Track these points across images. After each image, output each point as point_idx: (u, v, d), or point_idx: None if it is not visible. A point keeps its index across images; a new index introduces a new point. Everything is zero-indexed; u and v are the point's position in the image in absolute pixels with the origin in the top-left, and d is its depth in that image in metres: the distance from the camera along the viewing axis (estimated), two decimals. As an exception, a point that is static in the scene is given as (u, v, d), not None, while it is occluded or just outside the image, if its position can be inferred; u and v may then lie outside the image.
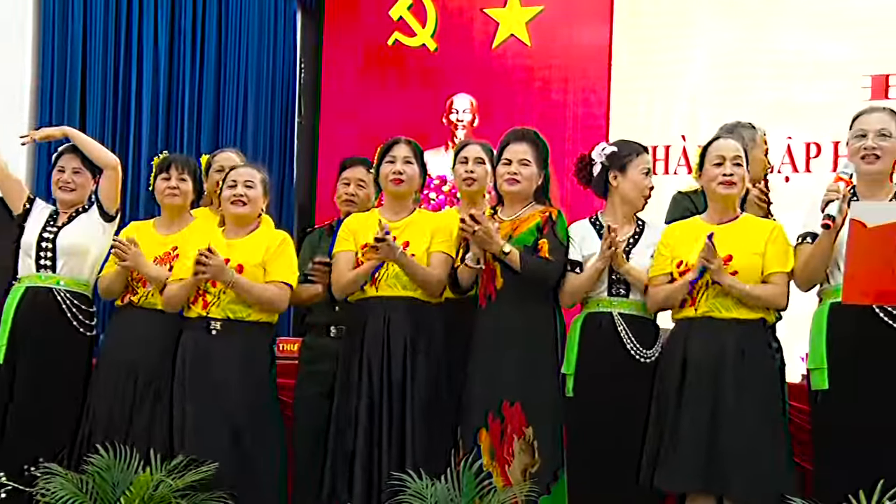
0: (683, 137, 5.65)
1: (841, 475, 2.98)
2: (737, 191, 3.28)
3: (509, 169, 3.47)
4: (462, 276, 3.50)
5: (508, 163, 3.48)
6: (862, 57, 5.35)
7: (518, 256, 3.37)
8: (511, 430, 3.37)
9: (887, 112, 3.20)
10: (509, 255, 3.38)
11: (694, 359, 3.21)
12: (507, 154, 3.49)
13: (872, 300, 3.01)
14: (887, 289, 2.94)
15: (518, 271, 3.38)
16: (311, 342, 3.85)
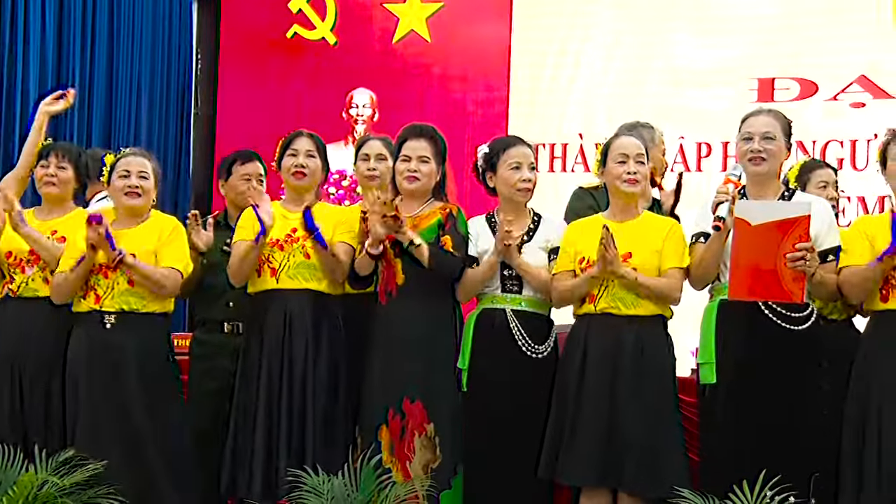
0: (580, 136, 5.75)
1: (727, 467, 3.06)
2: (639, 189, 3.34)
3: (409, 166, 3.46)
4: (361, 267, 3.47)
5: (408, 159, 3.46)
6: (749, 61, 5.54)
7: (427, 249, 3.37)
8: (412, 427, 3.37)
9: (773, 115, 3.30)
10: (419, 247, 3.37)
11: (593, 354, 3.26)
12: (406, 151, 3.48)
13: (757, 296, 3.10)
14: (770, 285, 3.02)
15: (425, 266, 3.38)
16: (204, 338, 3.78)
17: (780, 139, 3.24)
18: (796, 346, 3.13)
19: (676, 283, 3.28)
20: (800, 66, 5.47)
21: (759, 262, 3.00)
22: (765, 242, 2.98)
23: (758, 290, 3.06)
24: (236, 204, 3.86)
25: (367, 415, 3.42)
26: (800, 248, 2.97)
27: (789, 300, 3.06)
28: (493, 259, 3.37)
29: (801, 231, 2.97)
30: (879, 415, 3.04)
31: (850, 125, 5.36)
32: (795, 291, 3.01)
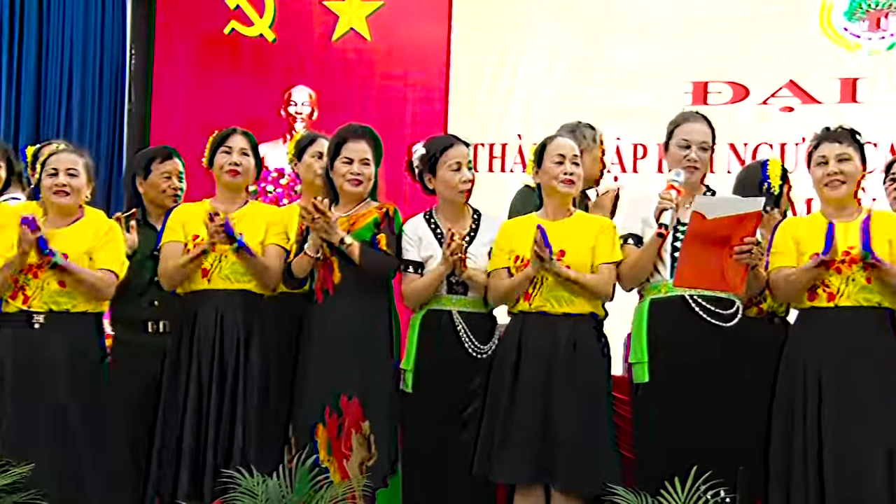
0: (519, 136, 5.79)
1: (660, 464, 3.11)
2: (575, 189, 3.37)
3: (352, 169, 3.47)
4: (298, 267, 3.45)
5: (350, 162, 3.47)
6: (685, 64, 5.63)
7: (358, 248, 3.37)
8: (349, 425, 3.37)
9: (706, 122, 3.36)
10: (350, 246, 3.37)
11: (528, 352, 3.28)
12: (348, 153, 3.48)
13: (701, 286, 3.16)
14: (714, 276, 3.10)
15: (357, 263, 3.38)
16: (125, 338, 3.69)
17: (710, 145, 3.32)
18: (725, 342, 3.20)
19: (608, 279, 3.32)
20: (732, 71, 5.57)
21: (708, 254, 3.07)
22: (716, 235, 3.04)
23: (702, 281, 3.14)
24: (156, 202, 3.80)
25: (303, 414, 3.41)
26: (747, 242, 3.04)
27: (730, 290, 3.14)
28: (442, 270, 3.37)
29: (750, 226, 3.04)
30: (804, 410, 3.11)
31: (780, 129, 5.48)
32: (736, 282, 3.10)
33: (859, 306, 3.09)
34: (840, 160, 3.18)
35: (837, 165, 3.18)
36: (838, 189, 3.19)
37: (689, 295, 3.21)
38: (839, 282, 3.11)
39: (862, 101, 5.38)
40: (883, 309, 3.11)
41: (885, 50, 5.37)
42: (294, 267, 3.45)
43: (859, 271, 3.09)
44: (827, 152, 3.21)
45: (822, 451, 3.06)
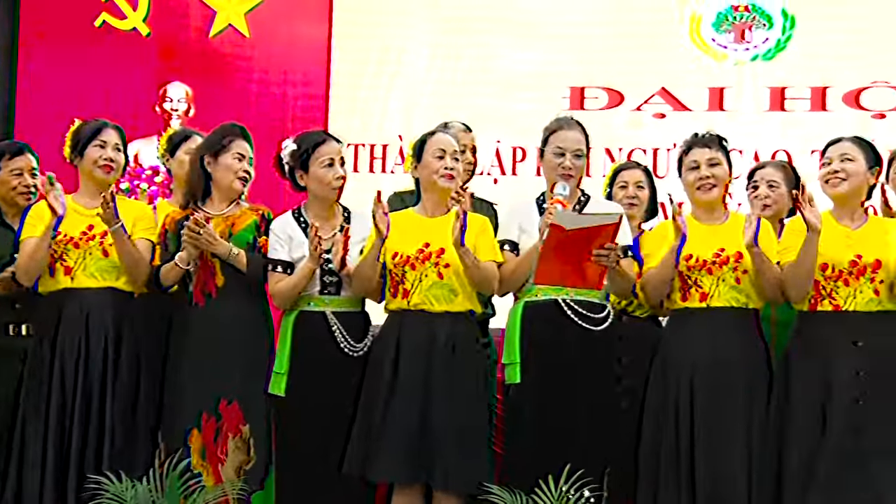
0: (400, 137, 5.78)
1: (531, 463, 3.15)
2: (455, 185, 3.38)
3: (244, 166, 3.46)
4: (167, 277, 3.41)
5: (241, 158, 3.46)
6: (563, 69, 5.74)
7: (244, 256, 3.37)
8: (227, 429, 3.33)
9: (581, 129, 3.42)
10: (237, 256, 3.36)
11: (406, 350, 3.28)
12: (239, 149, 3.47)
13: (562, 283, 3.24)
14: (574, 275, 3.18)
15: (243, 271, 3.37)
16: None
17: (584, 152, 3.38)
18: (596, 345, 3.26)
19: (494, 275, 3.33)
20: (608, 77, 5.72)
21: (567, 257, 3.14)
22: (573, 244, 3.12)
23: (563, 278, 3.21)
24: (7, 200, 3.65)
25: (176, 417, 3.34)
26: (606, 248, 3.11)
27: (589, 287, 3.22)
28: (310, 266, 3.34)
29: (609, 233, 3.12)
30: (676, 409, 3.20)
31: (653, 134, 5.65)
32: (595, 282, 3.20)
33: (729, 307, 3.21)
34: (711, 164, 3.29)
35: (709, 170, 3.28)
36: (710, 192, 3.30)
37: (561, 299, 3.27)
38: (711, 282, 3.22)
39: (728, 109, 5.61)
40: (750, 309, 3.24)
41: (750, 61, 5.61)
42: (162, 275, 3.41)
43: (730, 272, 3.21)
44: (698, 157, 3.31)
45: (692, 451, 3.15)
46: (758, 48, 5.61)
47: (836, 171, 3.19)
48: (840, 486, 3.00)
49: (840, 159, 3.19)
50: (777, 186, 3.62)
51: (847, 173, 3.18)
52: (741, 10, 5.63)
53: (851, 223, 3.20)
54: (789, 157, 5.41)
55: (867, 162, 3.20)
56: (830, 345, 3.10)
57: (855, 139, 3.25)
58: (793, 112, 5.56)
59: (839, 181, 3.18)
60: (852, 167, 3.18)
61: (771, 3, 5.60)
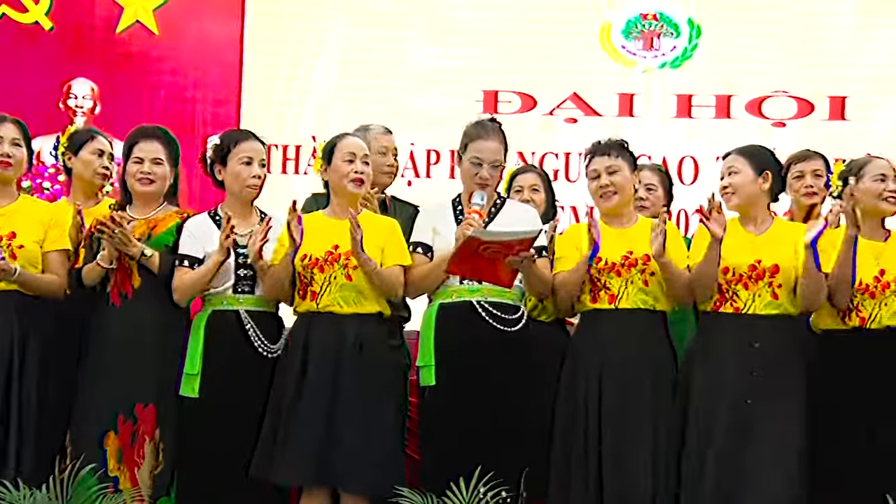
0: (314, 138, 5.73)
1: (445, 465, 3.16)
2: (363, 190, 3.38)
3: (142, 168, 3.41)
4: (89, 277, 3.36)
5: (140, 161, 3.42)
6: (477, 72, 5.78)
7: (157, 259, 3.33)
8: (143, 432, 3.29)
9: (499, 138, 3.43)
10: (150, 258, 3.32)
11: (315, 352, 3.26)
12: (138, 153, 3.43)
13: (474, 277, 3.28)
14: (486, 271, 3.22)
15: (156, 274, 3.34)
16: None
17: (503, 161, 3.41)
18: (511, 346, 3.29)
19: (399, 280, 3.34)
20: (521, 82, 5.79)
21: (483, 258, 3.17)
22: (487, 254, 3.16)
23: (475, 274, 3.25)
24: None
25: (89, 421, 3.28)
26: (521, 256, 3.16)
27: (501, 285, 3.26)
28: (217, 258, 3.30)
29: (526, 245, 3.18)
30: (586, 409, 3.24)
31: (565, 139, 5.74)
32: (507, 281, 3.25)
33: (637, 308, 3.28)
34: (610, 172, 3.34)
35: (608, 178, 3.34)
36: (610, 199, 3.36)
37: (476, 301, 3.30)
38: (619, 285, 3.28)
39: (637, 115, 5.73)
40: (658, 311, 3.31)
41: (658, 68, 5.75)
42: (84, 275, 3.36)
43: (638, 274, 3.27)
44: (598, 165, 3.37)
45: (601, 450, 3.20)
46: (665, 56, 5.75)
47: (726, 186, 3.30)
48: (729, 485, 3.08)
49: (727, 173, 3.30)
50: (654, 189, 3.74)
51: (734, 187, 3.28)
52: (650, 18, 5.76)
53: (756, 229, 3.29)
54: (695, 164, 5.58)
55: (754, 170, 3.29)
56: (729, 345, 3.19)
57: (740, 150, 3.35)
58: (699, 119, 5.71)
59: (730, 196, 3.29)
60: (738, 180, 3.28)
61: (678, 12, 5.75)
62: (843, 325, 3.22)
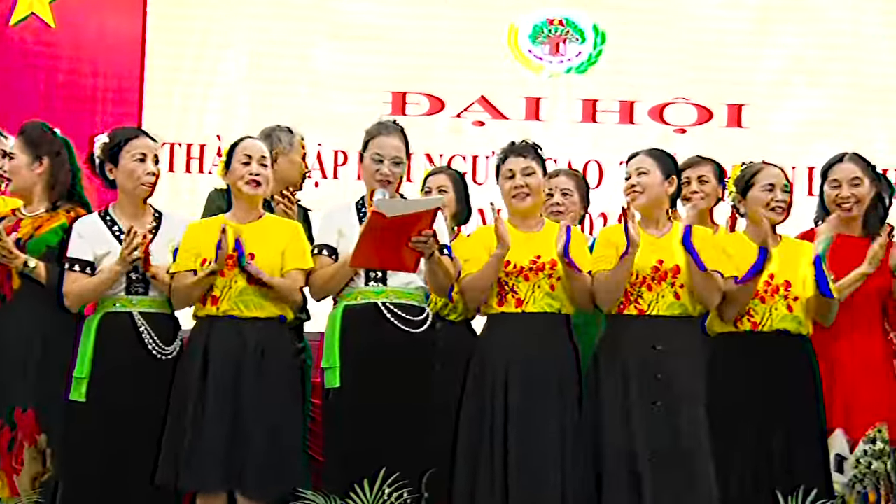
0: (219, 137, 5.64)
1: (349, 467, 3.16)
2: (261, 191, 3.33)
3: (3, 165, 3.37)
4: None
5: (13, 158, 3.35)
6: (385, 74, 5.77)
7: (44, 269, 3.27)
8: (22, 438, 3.20)
9: (399, 135, 3.44)
10: (35, 269, 3.26)
11: (216, 357, 3.22)
12: None
13: (378, 266, 3.29)
14: (391, 258, 3.23)
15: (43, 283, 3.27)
16: None
17: (404, 158, 3.40)
18: (416, 347, 3.30)
19: (298, 285, 3.32)
20: (429, 83, 5.80)
21: (385, 241, 3.17)
22: (395, 228, 3.14)
23: (379, 262, 3.25)
24: None
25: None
26: (424, 234, 3.15)
27: (405, 270, 3.27)
28: (118, 270, 3.23)
29: (427, 219, 3.16)
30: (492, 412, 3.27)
31: (472, 142, 5.77)
32: (411, 265, 3.25)
33: (543, 312, 3.31)
34: (525, 174, 3.39)
35: (523, 178, 3.38)
36: (524, 201, 3.40)
37: (381, 302, 3.29)
38: (527, 289, 3.31)
39: (544, 119, 5.80)
40: (563, 314, 3.35)
41: (564, 73, 5.83)
42: None
43: (545, 279, 3.31)
44: (513, 166, 3.40)
45: (506, 451, 3.22)
46: (571, 61, 5.83)
47: (634, 184, 3.35)
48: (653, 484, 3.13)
49: (636, 173, 3.36)
50: (570, 194, 3.78)
51: (643, 186, 3.34)
52: (556, 23, 5.84)
53: (657, 231, 3.37)
54: (600, 168, 5.68)
55: (662, 172, 3.36)
56: (633, 347, 3.25)
57: (649, 152, 3.42)
58: (603, 124, 5.82)
59: (637, 194, 3.35)
60: (647, 180, 3.35)
61: (583, 18, 5.85)
62: (736, 328, 3.31)
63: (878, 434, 3.32)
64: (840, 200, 3.48)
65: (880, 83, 5.74)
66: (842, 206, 3.49)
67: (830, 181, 3.53)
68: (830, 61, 5.76)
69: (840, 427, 3.33)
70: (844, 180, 3.49)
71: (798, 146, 5.72)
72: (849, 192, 3.48)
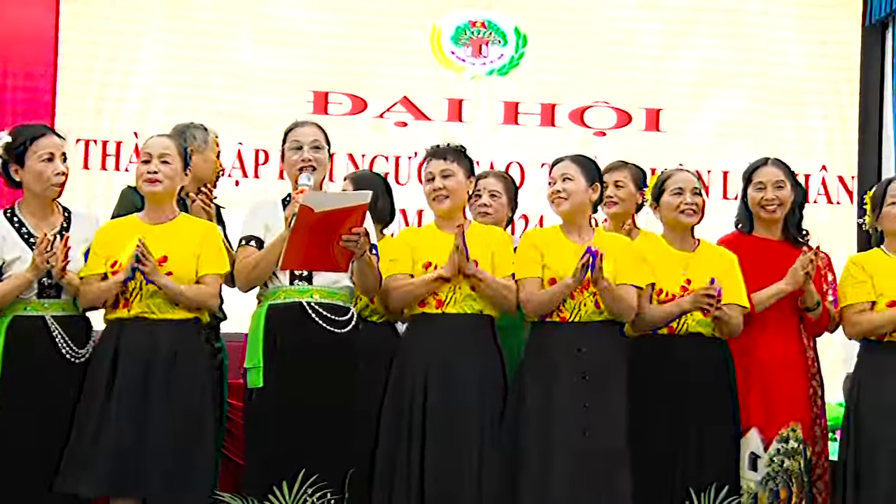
0: (136, 134, 5.52)
1: (271, 468, 3.12)
2: (160, 189, 3.26)
3: None
4: None
5: None
6: (307, 72, 5.72)
7: None
8: None
9: (316, 126, 3.42)
10: None
11: (126, 358, 3.16)
12: None
13: (308, 267, 3.26)
14: (321, 258, 3.19)
15: None
16: None
17: (325, 151, 3.38)
18: (339, 348, 3.28)
19: (213, 291, 3.28)
20: (352, 83, 5.77)
21: (315, 240, 3.13)
22: (324, 225, 3.11)
23: (310, 263, 3.21)
24: None
25: None
26: (354, 232, 3.13)
27: (336, 270, 3.24)
28: (30, 277, 3.14)
29: (357, 217, 3.14)
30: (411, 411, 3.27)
31: (395, 142, 5.77)
32: (342, 264, 3.22)
33: (464, 313, 3.32)
34: (444, 176, 3.39)
35: (442, 181, 3.38)
36: (442, 203, 3.40)
37: (306, 302, 3.26)
38: (447, 290, 3.32)
39: (466, 120, 5.83)
40: (485, 316, 3.36)
41: (486, 75, 5.87)
42: None
43: (465, 281, 3.31)
44: (433, 168, 3.41)
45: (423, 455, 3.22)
46: (493, 63, 5.87)
47: (559, 190, 3.38)
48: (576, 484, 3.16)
49: (561, 179, 3.39)
50: (498, 196, 3.78)
51: (568, 192, 3.37)
52: (478, 25, 5.87)
53: (579, 238, 3.40)
54: (521, 170, 5.73)
55: (587, 179, 3.40)
56: (558, 352, 3.28)
57: (573, 158, 3.45)
58: (525, 126, 5.87)
59: (562, 200, 3.38)
60: (572, 186, 3.38)
61: (505, 20, 5.89)
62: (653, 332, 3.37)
63: (791, 433, 3.42)
64: (765, 203, 3.55)
65: (791, 88, 5.93)
66: (766, 209, 3.56)
67: (755, 184, 3.59)
68: (744, 66, 5.92)
69: (755, 426, 3.41)
70: (769, 183, 3.56)
71: (713, 150, 5.87)
72: (773, 194, 3.55)
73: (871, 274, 3.39)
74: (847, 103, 5.92)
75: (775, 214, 3.56)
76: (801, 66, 5.94)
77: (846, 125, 5.92)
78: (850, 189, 5.85)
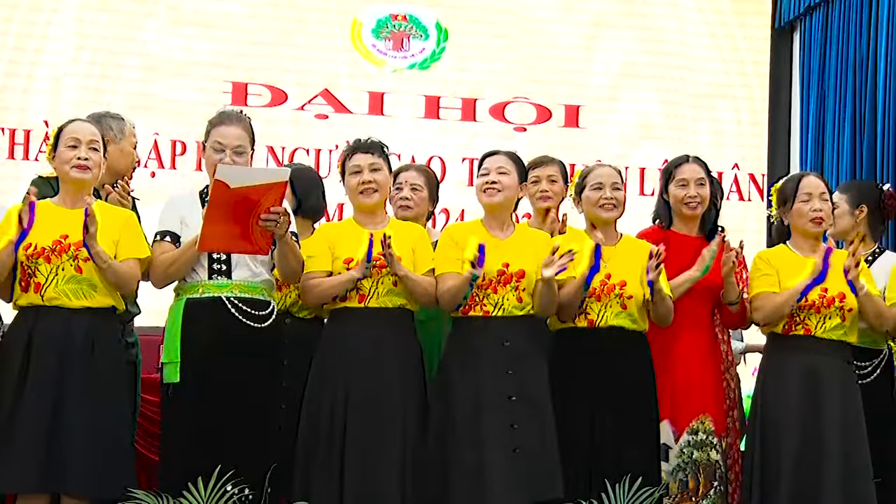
0: (46, 123, 5.35)
1: (188, 464, 3.06)
2: (89, 176, 3.18)
3: None
4: None
5: None
6: (226, 63, 5.66)
7: None
8: None
9: (242, 125, 3.33)
10: None
11: (39, 348, 3.08)
12: None
13: (226, 249, 3.19)
14: (240, 239, 3.13)
15: None
16: None
17: (248, 154, 3.31)
18: (259, 343, 3.23)
19: (135, 273, 3.20)
20: (272, 75, 5.71)
21: (233, 220, 3.08)
22: (241, 203, 3.06)
23: (228, 244, 3.15)
24: None
25: None
26: (274, 212, 3.08)
27: (257, 253, 3.19)
28: None
29: (276, 195, 3.09)
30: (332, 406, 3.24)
31: (315, 135, 5.73)
32: (263, 246, 3.16)
33: (386, 307, 3.31)
34: (373, 170, 3.38)
35: (371, 174, 3.37)
36: (371, 197, 3.38)
37: (225, 296, 3.21)
38: (370, 285, 3.30)
39: (387, 114, 5.82)
40: (407, 310, 3.36)
41: (407, 69, 5.87)
42: None
43: (388, 276, 3.30)
44: (360, 161, 3.38)
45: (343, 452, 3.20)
46: (414, 57, 5.88)
47: (494, 181, 3.39)
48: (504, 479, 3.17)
49: (497, 171, 3.40)
50: (419, 190, 3.78)
51: (502, 185, 3.39)
52: (399, 19, 5.86)
53: (502, 234, 3.42)
54: (443, 164, 5.74)
55: (518, 177, 3.43)
56: (482, 347, 3.29)
57: (508, 154, 3.47)
58: (446, 121, 5.89)
59: (495, 192, 3.39)
60: (507, 180, 3.39)
61: (426, 15, 5.90)
62: (574, 324, 3.42)
63: (700, 426, 3.50)
64: (688, 200, 3.62)
65: (705, 88, 6.07)
66: (689, 206, 3.62)
67: (678, 181, 3.64)
68: (659, 67, 6.05)
69: (666, 418, 3.48)
70: (692, 181, 3.62)
71: (631, 147, 5.99)
72: (695, 191, 3.62)
73: (776, 268, 3.48)
74: (758, 103, 6.10)
75: (696, 211, 3.64)
76: (714, 67, 6.09)
77: (757, 124, 6.10)
78: (761, 187, 6.03)
